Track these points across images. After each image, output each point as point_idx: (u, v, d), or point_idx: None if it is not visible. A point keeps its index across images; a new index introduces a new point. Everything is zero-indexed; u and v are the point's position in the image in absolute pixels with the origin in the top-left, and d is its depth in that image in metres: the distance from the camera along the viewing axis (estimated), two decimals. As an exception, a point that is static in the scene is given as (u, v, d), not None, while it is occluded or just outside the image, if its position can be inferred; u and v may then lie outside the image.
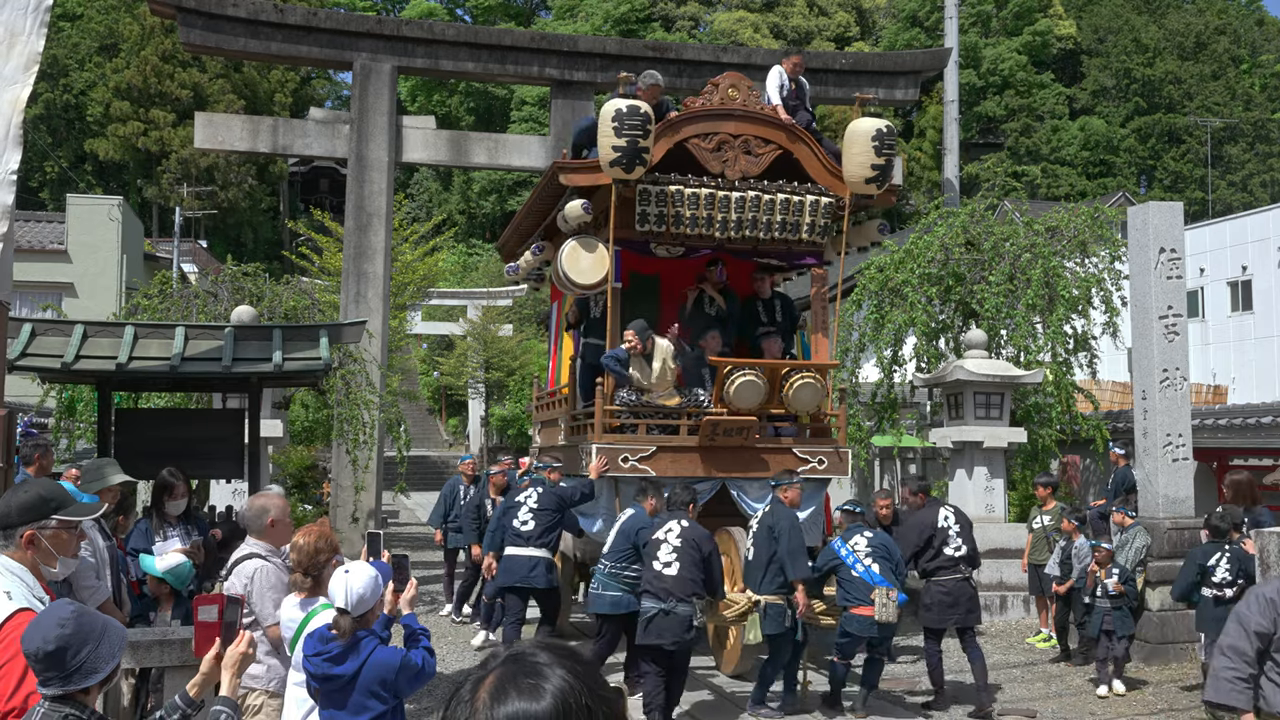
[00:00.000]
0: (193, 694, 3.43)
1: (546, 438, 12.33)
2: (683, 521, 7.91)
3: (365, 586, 4.17)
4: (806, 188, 9.93)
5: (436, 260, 29.67)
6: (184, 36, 15.50)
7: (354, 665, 4.15)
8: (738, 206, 9.74)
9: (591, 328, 10.62)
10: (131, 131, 44.35)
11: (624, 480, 9.48)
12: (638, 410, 9.71)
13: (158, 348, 8.21)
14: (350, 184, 15.96)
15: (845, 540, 8.48)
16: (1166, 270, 10.85)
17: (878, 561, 8.25)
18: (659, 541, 7.84)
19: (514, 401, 35.15)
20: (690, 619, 7.64)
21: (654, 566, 7.78)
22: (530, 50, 16.40)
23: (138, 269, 28.98)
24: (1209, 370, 26.27)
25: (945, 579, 8.92)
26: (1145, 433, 10.85)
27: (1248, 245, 26.49)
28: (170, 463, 7.24)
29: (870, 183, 9.77)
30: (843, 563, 8.31)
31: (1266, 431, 14.71)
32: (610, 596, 8.34)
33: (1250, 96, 52.37)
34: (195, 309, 14.74)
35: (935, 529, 9.02)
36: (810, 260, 10.50)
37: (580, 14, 54.12)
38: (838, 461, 10.02)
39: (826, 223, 10.03)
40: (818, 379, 9.71)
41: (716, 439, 9.59)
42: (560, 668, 1.51)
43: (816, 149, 10.06)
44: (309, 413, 19.34)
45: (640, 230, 9.64)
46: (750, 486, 9.76)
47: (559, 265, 9.54)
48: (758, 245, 10.05)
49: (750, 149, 9.86)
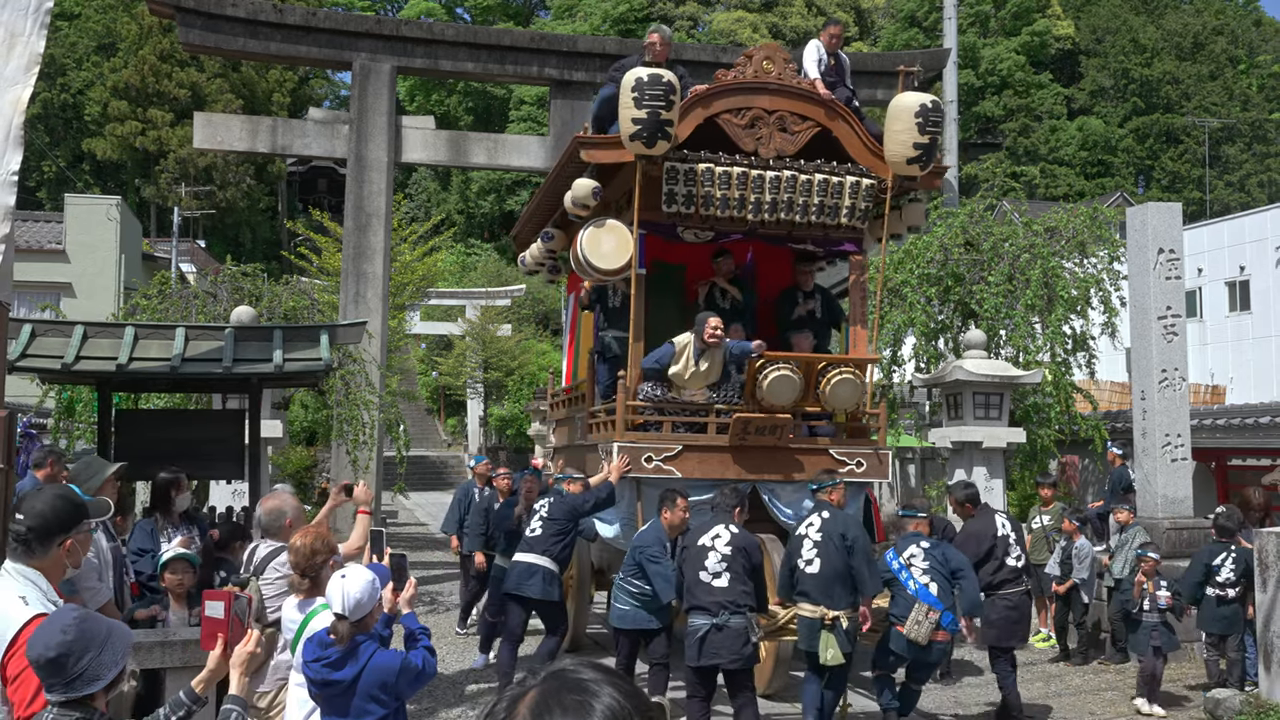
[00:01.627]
0: (199, 690, 3.43)
1: (562, 437, 11.69)
2: (731, 527, 7.23)
3: (362, 591, 4.15)
4: (846, 168, 9.15)
5: (435, 260, 29.66)
6: (183, 36, 15.49)
7: (353, 670, 4.14)
8: (772, 187, 8.95)
9: (611, 318, 9.81)
10: (129, 131, 44.29)
11: (647, 482, 8.78)
12: (663, 406, 8.98)
13: (158, 348, 8.21)
14: (349, 184, 15.95)
15: (899, 551, 7.69)
16: (1165, 270, 10.86)
17: (935, 580, 7.43)
18: (705, 549, 7.13)
19: (513, 402, 35.14)
20: (747, 632, 6.96)
21: (701, 578, 7.05)
22: (529, 50, 16.40)
23: (136, 269, 28.96)
24: (1207, 370, 26.29)
25: (1010, 593, 8.27)
26: (1144, 433, 10.86)
27: (1245, 245, 26.51)
28: (170, 464, 7.24)
29: (913, 163, 8.98)
30: (895, 576, 7.55)
31: (1264, 431, 14.73)
32: (621, 610, 7.86)
33: (1248, 97, 52.39)
34: (194, 309, 14.73)
35: (995, 538, 8.37)
36: (849, 247, 9.65)
37: (579, 14, 54.11)
38: (877, 464, 9.22)
39: (867, 206, 9.28)
40: (857, 374, 8.95)
41: (747, 438, 8.86)
42: (609, 685, 1.42)
43: (857, 126, 9.28)
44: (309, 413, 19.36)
45: (667, 212, 8.91)
46: (783, 490, 9.05)
47: (579, 248, 8.77)
48: (792, 230, 9.27)
49: (786, 125, 9.08)
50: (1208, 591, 8.78)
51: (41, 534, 3.73)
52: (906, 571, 7.48)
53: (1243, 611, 8.84)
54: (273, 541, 5.24)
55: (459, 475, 37.65)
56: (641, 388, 8.94)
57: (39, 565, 3.72)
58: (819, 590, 7.32)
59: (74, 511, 3.83)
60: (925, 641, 7.30)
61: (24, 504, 3.87)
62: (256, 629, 3.71)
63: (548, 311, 44.18)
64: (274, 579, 5.20)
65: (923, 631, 7.27)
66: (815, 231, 9.34)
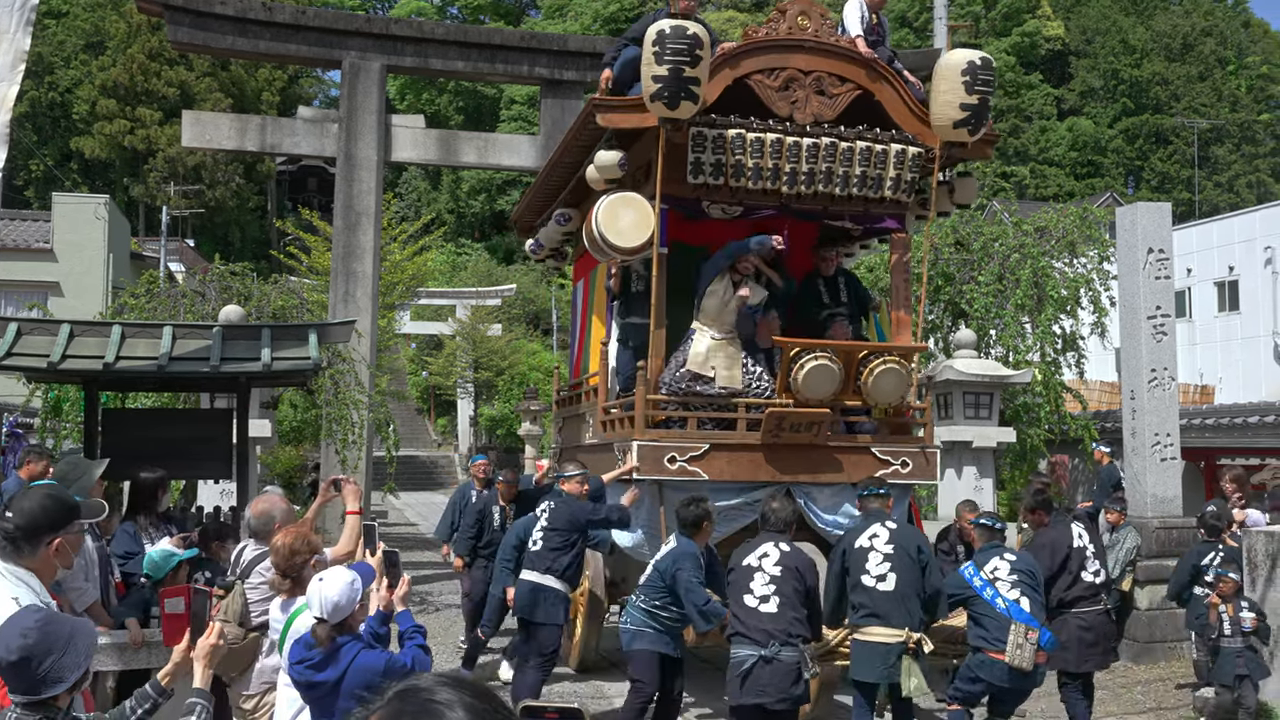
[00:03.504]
0: (164, 683, 3.44)
1: (570, 435, 10.68)
2: (781, 545, 6.32)
3: (340, 594, 4.11)
4: (891, 135, 8.25)
5: (425, 260, 29.60)
6: (171, 34, 15.42)
7: (336, 672, 4.11)
8: (809, 156, 8.02)
9: (631, 305, 8.85)
10: (118, 130, 44.15)
11: (670, 485, 7.88)
12: (688, 400, 8.06)
13: (145, 347, 8.16)
14: (338, 183, 15.90)
15: (980, 566, 6.79)
16: (1154, 271, 10.88)
17: (1025, 594, 6.59)
18: (751, 570, 6.24)
19: (503, 401, 35.10)
20: (798, 667, 6.03)
21: (745, 602, 6.15)
22: (520, 49, 16.36)
23: (124, 268, 28.84)
24: (1196, 370, 26.38)
25: (1086, 611, 7.33)
26: (1134, 432, 10.88)
27: (1234, 246, 26.60)
28: (157, 463, 7.19)
29: (961, 126, 8.13)
30: (977, 595, 6.67)
31: (1253, 431, 14.79)
32: (642, 633, 6.85)
33: (1236, 98, 52.56)
34: (182, 308, 14.68)
35: (1070, 549, 7.41)
36: (890, 223, 8.75)
37: (570, 13, 54.09)
38: (924, 464, 8.36)
39: (914, 178, 8.39)
40: (902, 364, 8.09)
41: (781, 435, 7.96)
42: (462, 708, 1.29)
43: (902, 89, 8.35)
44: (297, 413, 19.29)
45: (693, 183, 8.01)
46: (820, 493, 8.13)
47: (594, 225, 7.89)
48: (830, 204, 8.36)
49: (823, 88, 8.14)
50: (1196, 591, 8.79)
51: (29, 533, 3.70)
52: (992, 588, 6.62)
53: (1233, 611, 8.87)
54: (260, 545, 5.20)
55: (449, 475, 37.65)
56: (663, 379, 8.04)
57: (30, 565, 3.70)
58: (896, 610, 6.48)
59: (64, 511, 3.80)
60: (1030, 667, 6.44)
61: (14, 503, 3.84)
62: (219, 622, 3.68)
63: (538, 311, 44.18)
64: (257, 583, 5.17)
65: (1026, 655, 6.40)
66: (855, 206, 8.46)
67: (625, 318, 8.94)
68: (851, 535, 6.92)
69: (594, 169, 8.18)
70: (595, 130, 8.17)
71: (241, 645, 5.07)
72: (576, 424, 10.28)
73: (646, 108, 7.61)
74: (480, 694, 1.32)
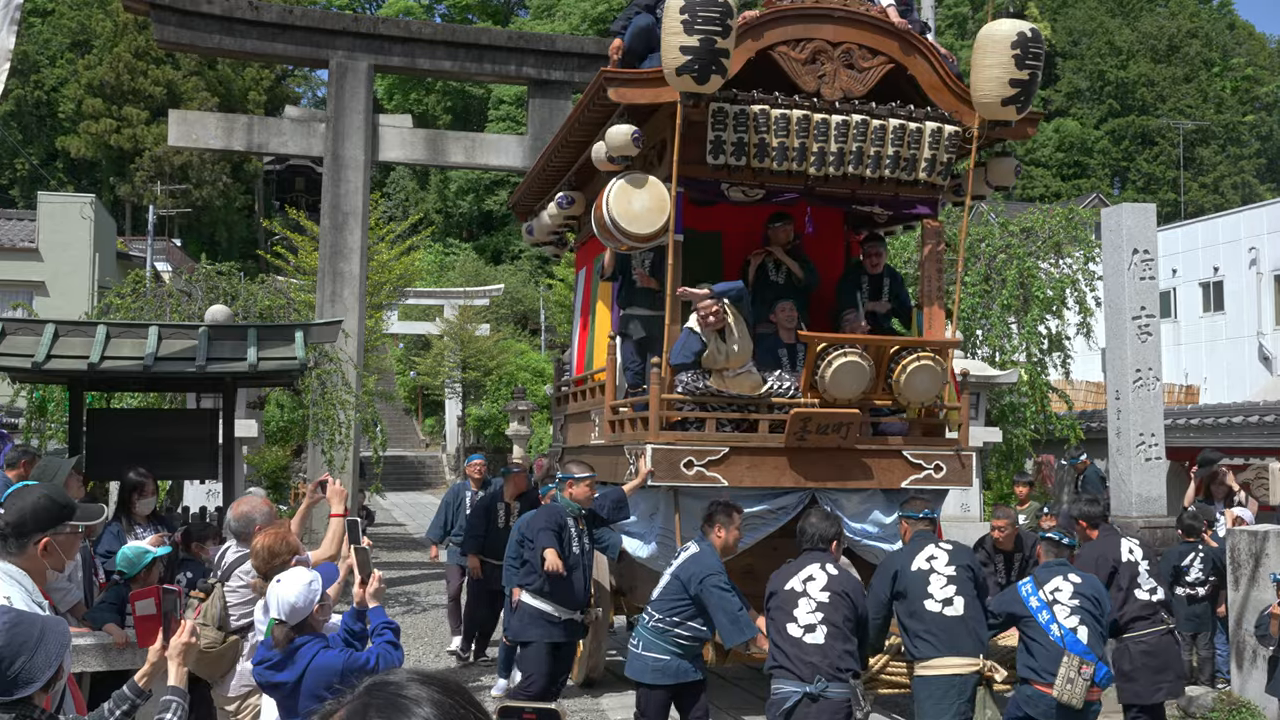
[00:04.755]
0: (141, 684, 3.45)
1: (573, 435, 10.00)
2: (829, 567, 5.62)
3: (298, 596, 4.12)
4: (925, 112, 7.62)
5: (413, 259, 29.56)
6: (158, 33, 15.38)
7: (294, 674, 4.12)
8: (838, 134, 7.38)
9: (638, 296, 8.30)
10: (104, 129, 43.96)
11: (686, 491, 7.29)
12: (706, 400, 7.49)
13: (131, 347, 8.15)
14: (326, 183, 15.87)
15: (1040, 584, 6.03)
16: (1139, 271, 10.93)
17: (1085, 623, 5.86)
18: (794, 595, 5.54)
19: (490, 402, 35.06)
20: (848, 705, 5.36)
21: (789, 631, 5.45)
22: (507, 49, 16.35)
23: (110, 268, 28.71)
24: (1181, 370, 26.50)
25: (1146, 634, 6.57)
26: (1119, 432, 10.92)
27: (1219, 247, 26.74)
28: (143, 463, 7.19)
29: (1009, 104, 7.48)
30: (1031, 616, 5.95)
31: (1237, 431, 14.87)
32: (654, 660, 6.02)
33: (1221, 99, 52.77)
34: (169, 308, 14.63)
35: (1118, 564, 6.71)
36: (922, 209, 8.13)
37: (558, 13, 54.02)
38: (959, 468, 7.77)
39: (950, 159, 7.77)
40: (937, 361, 7.52)
41: (807, 438, 7.33)
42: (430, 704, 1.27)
43: (938, 63, 7.74)
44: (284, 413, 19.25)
45: (713, 164, 7.38)
46: (847, 500, 7.50)
47: (604, 209, 7.26)
48: (859, 187, 7.76)
49: (853, 61, 7.53)
50: (1177, 591, 8.84)
51: (18, 530, 3.70)
52: (1049, 611, 5.89)
53: (1212, 609, 8.92)
54: (241, 547, 5.20)
55: (436, 475, 37.60)
56: (679, 378, 7.48)
57: (21, 564, 3.70)
58: (967, 637, 5.84)
59: (56, 511, 3.80)
60: (1081, 704, 5.72)
61: (9, 500, 3.86)
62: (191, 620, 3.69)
63: (526, 311, 44.14)
64: (237, 586, 5.16)
65: (1078, 692, 5.69)
66: (885, 190, 7.84)
67: (626, 308, 8.35)
68: (903, 557, 6.20)
69: (603, 147, 7.50)
70: (605, 106, 7.49)
71: (220, 649, 5.05)
72: (580, 423, 9.60)
73: (665, 81, 6.96)
74: (451, 690, 1.30)
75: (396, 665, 4.27)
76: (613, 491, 7.32)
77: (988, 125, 7.71)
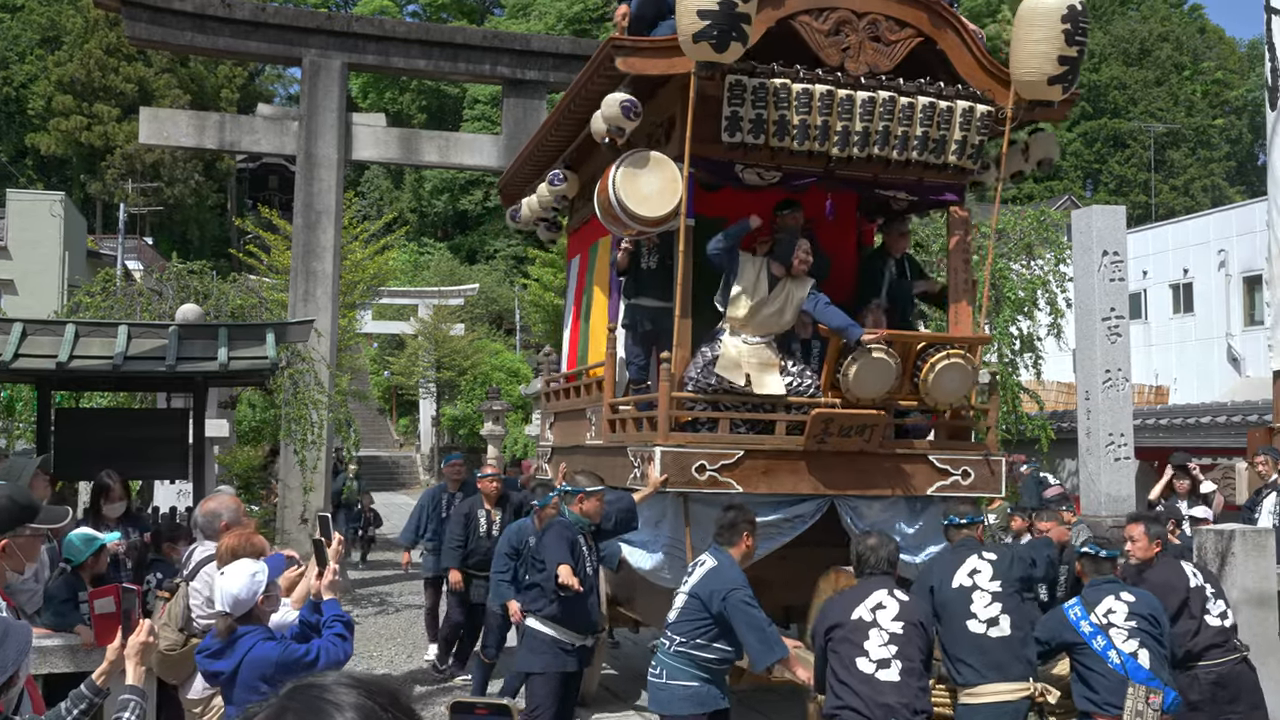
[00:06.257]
0: (99, 683, 3.44)
1: (564, 434, 9.27)
2: (897, 593, 5.10)
3: (241, 588, 4.13)
4: (957, 90, 7.04)
5: (387, 259, 29.45)
6: (129, 30, 15.25)
7: (231, 662, 4.13)
8: (864, 112, 6.80)
9: (643, 284, 7.70)
10: (74, 126, 43.58)
11: (697, 498, 6.72)
12: (718, 399, 6.90)
13: (100, 346, 8.08)
14: (298, 181, 15.78)
15: (1090, 606, 5.50)
16: (1109, 273, 11.03)
17: (1145, 645, 5.34)
18: (864, 625, 4.96)
19: (465, 401, 34.99)
20: None
21: (859, 667, 4.89)
22: (482, 49, 16.31)
23: (80, 266, 28.48)
24: (1151, 371, 26.73)
25: (1219, 662, 6.03)
26: (1088, 432, 11.02)
27: (1189, 249, 26.99)
28: (113, 464, 7.13)
29: (1056, 83, 6.92)
30: (1084, 643, 5.44)
31: (1205, 431, 15.03)
32: (683, 689, 5.43)
33: (1192, 102, 53.36)
34: (139, 307, 14.51)
35: (1189, 591, 6.13)
36: (949, 196, 7.55)
37: (533, 13, 53.95)
38: (988, 475, 7.21)
39: (981, 141, 7.20)
40: (968, 359, 6.99)
41: (828, 440, 6.79)
42: (353, 709, 1.24)
43: (969, 37, 7.18)
44: (256, 412, 19.14)
45: (728, 142, 6.76)
46: (869, 508, 6.98)
47: (610, 190, 6.64)
48: (883, 170, 7.18)
49: (879, 33, 6.95)
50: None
51: None
52: (1104, 636, 5.38)
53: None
54: (210, 545, 5.17)
55: (410, 475, 37.48)
56: (689, 375, 6.84)
57: None
58: (1014, 659, 5.34)
59: (15, 513, 3.76)
60: None
61: None
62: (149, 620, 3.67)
63: (501, 311, 44.07)
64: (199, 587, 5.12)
65: None
66: (911, 174, 7.26)
67: (632, 298, 7.79)
68: (942, 570, 5.70)
69: (599, 117, 6.88)
70: (610, 78, 6.82)
71: (182, 651, 5.02)
72: (573, 421, 8.93)
73: (679, 50, 6.36)
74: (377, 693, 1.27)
75: (343, 658, 4.28)
76: (621, 499, 6.68)
77: (1025, 105, 7.16)
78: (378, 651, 10.38)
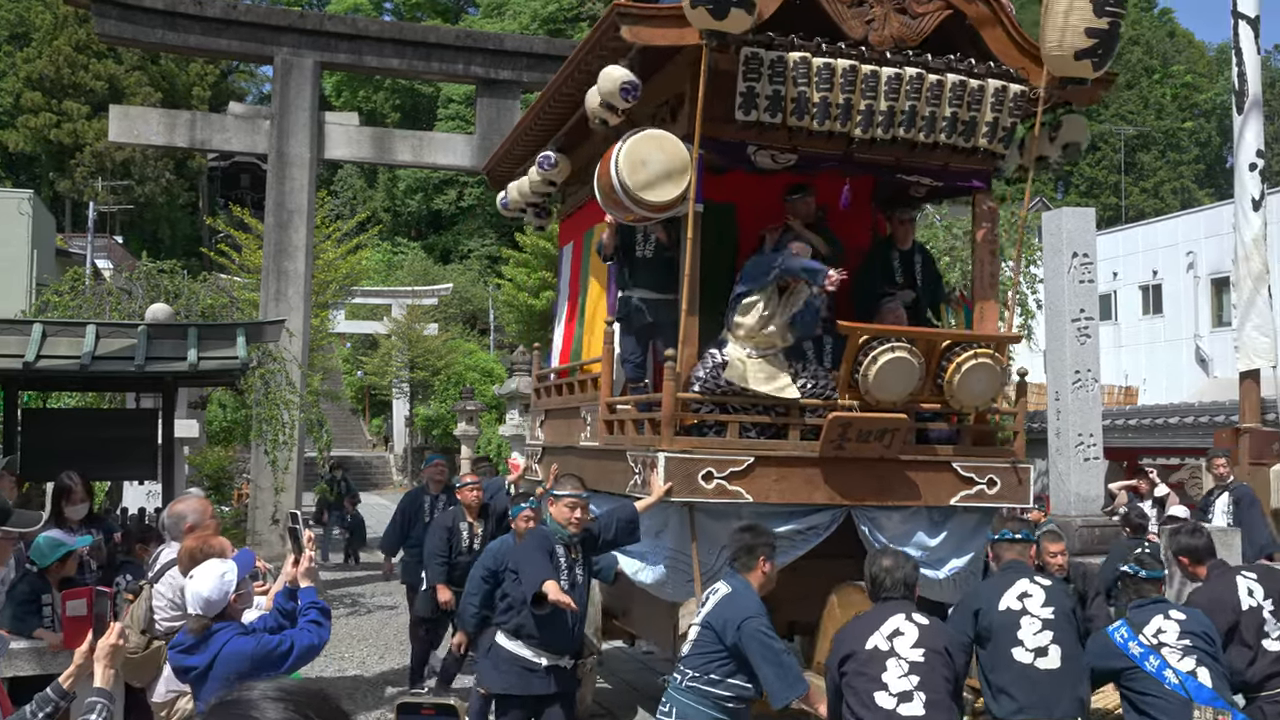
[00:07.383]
0: (66, 685, 3.42)
1: (555, 434, 8.59)
2: (916, 617, 4.60)
3: (211, 589, 4.13)
4: (989, 67, 6.49)
5: (360, 258, 29.33)
6: (99, 27, 15.13)
7: (205, 658, 4.12)
8: (889, 90, 6.26)
9: (640, 276, 7.15)
10: (43, 123, 43.17)
11: (704, 508, 6.18)
12: (726, 400, 6.37)
13: (67, 346, 8.01)
14: (270, 180, 15.70)
15: (1137, 628, 5.05)
16: (1079, 274, 11.12)
17: (1203, 663, 4.88)
18: (880, 655, 4.49)
19: (439, 401, 34.88)
20: None
21: (878, 702, 4.38)
22: (456, 48, 16.27)
23: (49, 265, 28.18)
24: (1121, 372, 26.97)
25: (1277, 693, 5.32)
26: (1058, 432, 11.11)
27: (1158, 251, 27.26)
28: (81, 464, 7.06)
29: (1085, 57, 6.36)
30: (1136, 666, 4.96)
31: (1173, 431, 15.18)
32: None
33: (1162, 106, 53.87)
34: (109, 306, 14.38)
35: (1240, 614, 5.40)
36: (976, 183, 7.01)
37: (508, 12, 53.84)
38: (1015, 483, 6.71)
39: (1014, 123, 6.68)
40: (996, 359, 6.49)
41: (846, 446, 6.28)
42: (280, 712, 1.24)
43: (1001, 11, 6.63)
44: (227, 413, 19.02)
45: (742, 121, 6.18)
46: (888, 520, 6.45)
47: (612, 172, 6.07)
48: (907, 154, 6.63)
49: (905, 5, 6.46)
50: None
51: None
52: (1157, 656, 4.92)
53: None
54: (176, 547, 5.15)
55: (383, 476, 37.33)
56: (696, 375, 6.32)
57: None
58: (1064, 695, 4.86)
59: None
60: None
61: None
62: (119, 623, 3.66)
63: (475, 311, 43.96)
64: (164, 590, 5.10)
65: None
66: (937, 158, 6.70)
67: (627, 289, 7.22)
68: (989, 592, 5.21)
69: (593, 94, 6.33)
70: (614, 49, 6.23)
71: (145, 654, 4.99)
72: (565, 420, 8.31)
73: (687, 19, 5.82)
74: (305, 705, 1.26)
75: (318, 644, 4.29)
76: (622, 509, 6.12)
77: (1058, 82, 6.59)
78: (349, 653, 10.33)
